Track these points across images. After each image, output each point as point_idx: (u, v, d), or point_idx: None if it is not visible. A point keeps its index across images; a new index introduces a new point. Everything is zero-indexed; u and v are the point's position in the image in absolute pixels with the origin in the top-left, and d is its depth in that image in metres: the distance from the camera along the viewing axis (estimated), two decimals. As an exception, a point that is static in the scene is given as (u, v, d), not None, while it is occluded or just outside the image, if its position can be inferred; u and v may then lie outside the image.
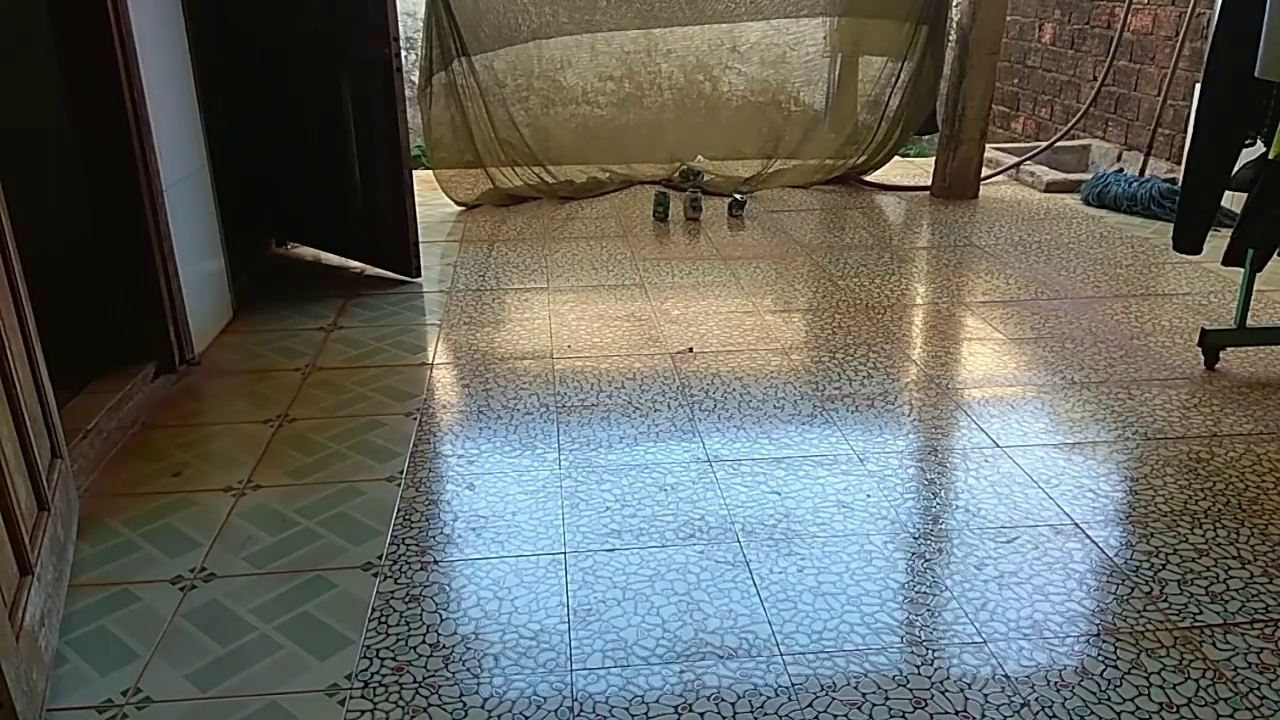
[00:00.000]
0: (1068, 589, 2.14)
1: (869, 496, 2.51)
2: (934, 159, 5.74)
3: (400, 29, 3.95)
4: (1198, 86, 3.32)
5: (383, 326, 3.75)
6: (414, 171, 4.20)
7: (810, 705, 1.81)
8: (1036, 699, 1.82)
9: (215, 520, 2.44)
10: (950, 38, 5.57)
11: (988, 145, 5.72)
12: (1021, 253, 4.58)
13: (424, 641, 1.99)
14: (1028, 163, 5.98)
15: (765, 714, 1.79)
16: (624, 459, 2.72)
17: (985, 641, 1.97)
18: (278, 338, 3.65)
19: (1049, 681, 1.87)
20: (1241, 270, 3.23)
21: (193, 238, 3.44)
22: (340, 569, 2.24)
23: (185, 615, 2.09)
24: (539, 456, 2.73)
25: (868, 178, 5.93)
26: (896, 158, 6.09)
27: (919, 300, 4.04)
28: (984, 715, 1.79)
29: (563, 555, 2.27)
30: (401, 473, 2.66)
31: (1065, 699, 1.82)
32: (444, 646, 1.98)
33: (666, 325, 3.69)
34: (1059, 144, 6.09)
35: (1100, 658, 1.93)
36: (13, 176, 2.16)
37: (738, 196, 5.29)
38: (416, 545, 2.33)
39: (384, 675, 1.90)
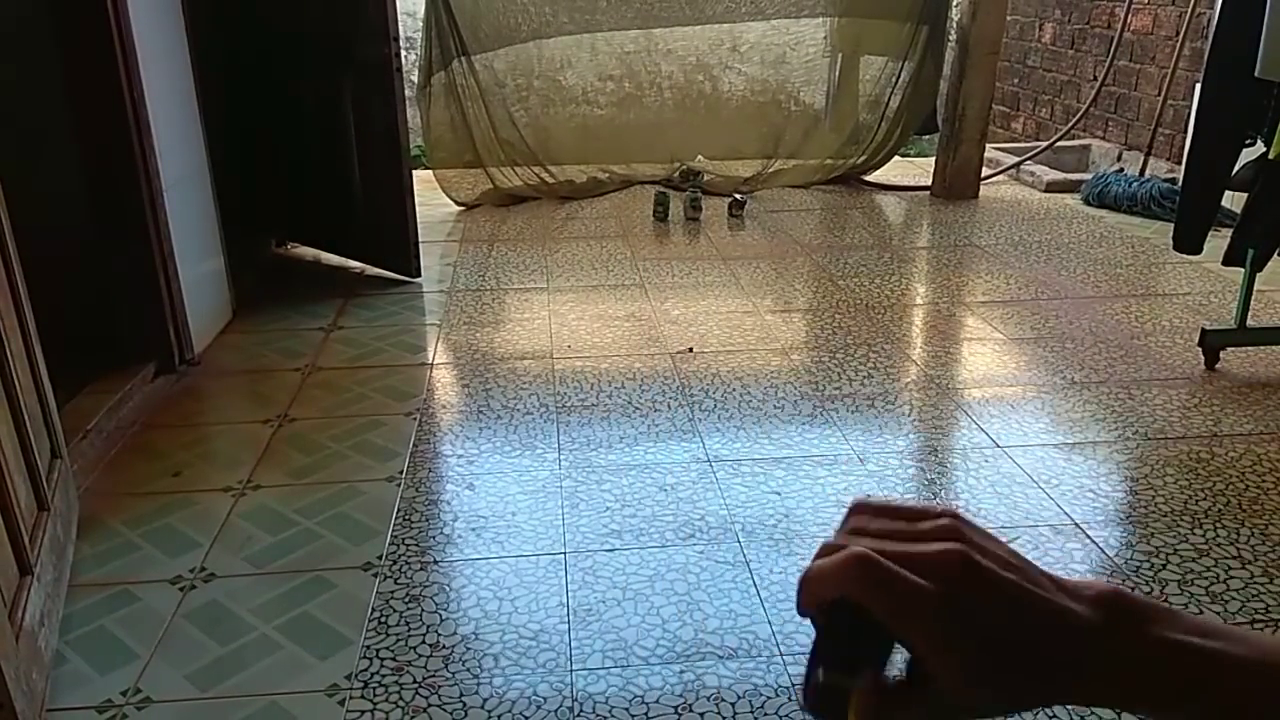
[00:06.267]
0: (1068, 589, 2.13)
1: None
2: (934, 159, 5.74)
3: (400, 29, 3.96)
4: (1198, 86, 3.31)
5: (383, 326, 3.75)
6: (414, 171, 4.20)
7: (810, 705, 1.80)
8: (1037, 699, 1.82)
9: (215, 520, 2.44)
10: (950, 37, 5.57)
11: (988, 145, 5.72)
12: (1022, 253, 4.58)
13: (424, 642, 1.99)
14: (1028, 163, 5.98)
15: (765, 714, 1.79)
16: (624, 459, 2.71)
17: (985, 642, 1.97)
18: (278, 338, 3.65)
19: (1049, 682, 1.86)
20: (1241, 270, 3.23)
21: (193, 238, 3.44)
22: (340, 569, 2.24)
23: (185, 615, 2.09)
24: (539, 456, 2.73)
25: (868, 178, 5.93)
26: (896, 158, 6.09)
27: (919, 300, 4.04)
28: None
29: (563, 555, 2.27)
30: (401, 473, 2.66)
31: (1065, 699, 1.82)
32: (444, 647, 1.98)
33: (666, 325, 3.69)
34: (1059, 144, 6.09)
35: (1100, 658, 1.92)
36: (13, 176, 2.16)
37: (738, 196, 5.29)
38: (416, 545, 2.33)
39: (384, 675, 1.90)
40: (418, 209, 4.20)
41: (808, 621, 0.45)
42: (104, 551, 2.32)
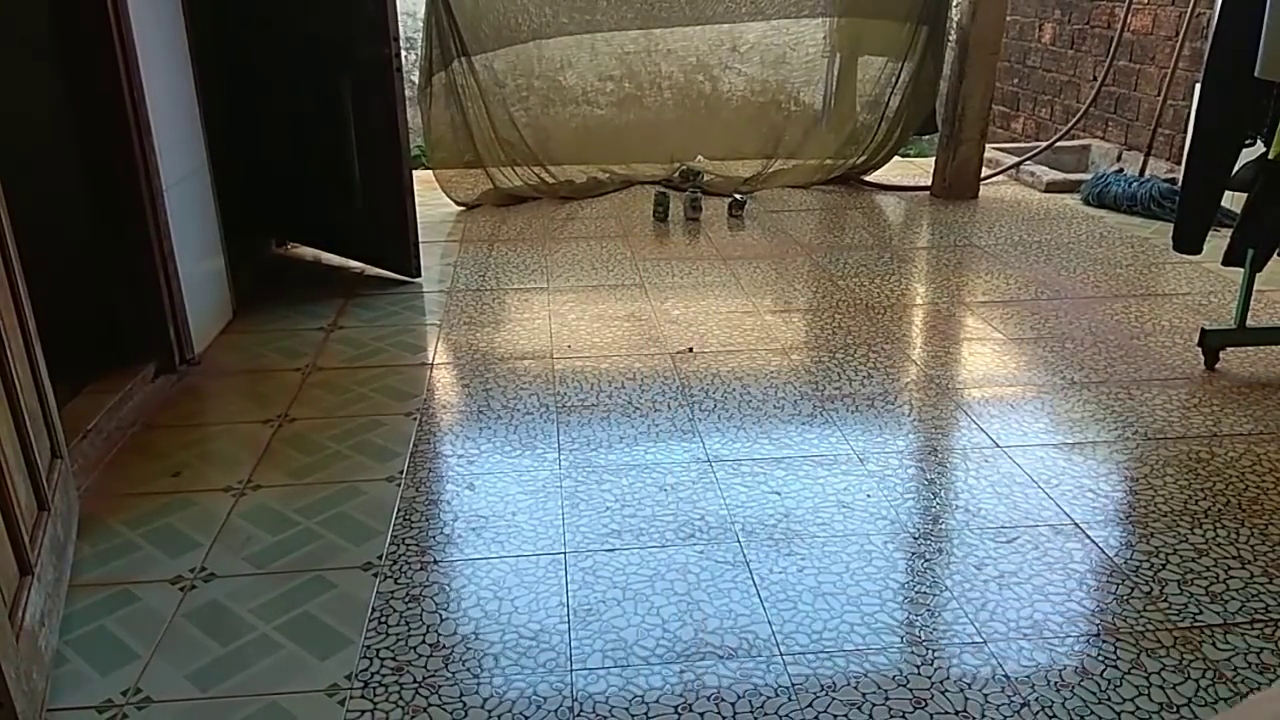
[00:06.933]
0: (1068, 589, 2.14)
1: (869, 496, 2.51)
2: (934, 159, 5.74)
3: (400, 29, 3.95)
4: (1197, 86, 3.32)
5: (383, 326, 3.75)
6: (414, 171, 4.20)
7: (810, 705, 1.81)
8: (1036, 699, 1.82)
9: (215, 520, 2.44)
10: (950, 38, 5.57)
11: (988, 145, 5.72)
12: (1021, 253, 4.58)
13: (424, 641, 2.00)
14: (1028, 163, 5.98)
15: (765, 714, 1.79)
16: (624, 459, 2.72)
17: (985, 641, 1.97)
18: (278, 338, 3.65)
19: (1049, 681, 1.87)
20: (1241, 270, 3.23)
21: (193, 238, 3.44)
22: (340, 569, 2.24)
23: (185, 615, 2.09)
24: (539, 456, 2.73)
25: (868, 178, 5.93)
26: (896, 158, 6.09)
27: (919, 300, 4.04)
28: (984, 715, 1.79)
29: (563, 555, 2.27)
30: (401, 473, 2.66)
31: (1065, 699, 1.82)
32: (444, 646, 1.98)
33: (666, 325, 3.69)
34: (1059, 144, 6.09)
35: (1100, 658, 1.93)
36: (13, 176, 2.16)
37: (738, 196, 5.29)
38: (416, 545, 2.33)
39: (384, 675, 1.90)
40: (418, 209, 4.20)
41: (807, 621, 0.46)
42: (104, 551, 2.32)
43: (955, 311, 3.88)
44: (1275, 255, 3.26)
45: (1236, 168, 3.16)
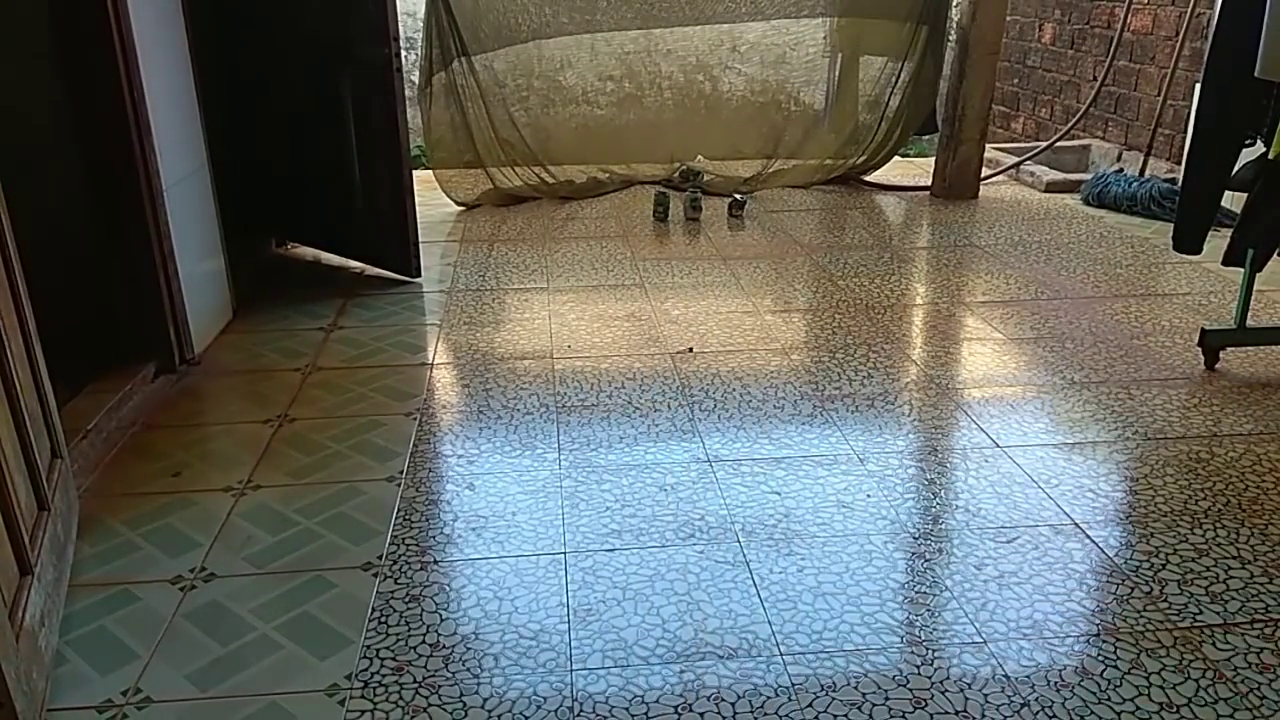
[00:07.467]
0: (1068, 589, 2.14)
1: (869, 496, 2.51)
2: (934, 159, 5.74)
3: (400, 29, 3.95)
4: (1198, 86, 3.32)
5: (383, 326, 3.75)
6: (414, 171, 4.20)
7: (810, 705, 1.81)
8: (1036, 699, 1.82)
9: (215, 520, 2.44)
10: (950, 38, 5.57)
11: (988, 145, 5.72)
12: (1021, 253, 4.58)
13: (424, 641, 2.00)
14: (1028, 163, 5.98)
15: (765, 714, 1.79)
16: (624, 459, 2.72)
17: (985, 641, 1.97)
18: (278, 338, 3.65)
19: (1049, 681, 1.87)
20: (1241, 270, 3.23)
21: (193, 237, 3.44)
22: (340, 569, 2.24)
23: (185, 615, 2.09)
24: (539, 456, 2.73)
25: (868, 178, 5.93)
26: (896, 158, 6.09)
27: (919, 300, 4.04)
28: (984, 715, 1.79)
29: (563, 555, 2.27)
30: (401, 473, 2.66)
31: (1065, 699, 1.82)
32: (444, 646, 1.98)
33: (666, 325, 3.69)
34: (1059, 144, 6.09)
35: (1100, 658, 1.93)
36: (12, 176, 2.16)
37: (738, 196, 5.29)
38: (416, 545, 2.33)
39: (384, 675, 1.90)
40: (418, 209, 4.20)
41: (807, 622, 0.46)
42: (104, 551, 2.32)
43: (955, 311, 3.88)
44: (1275, 255, 3.26)
45: (1236, 168, 3.16)
